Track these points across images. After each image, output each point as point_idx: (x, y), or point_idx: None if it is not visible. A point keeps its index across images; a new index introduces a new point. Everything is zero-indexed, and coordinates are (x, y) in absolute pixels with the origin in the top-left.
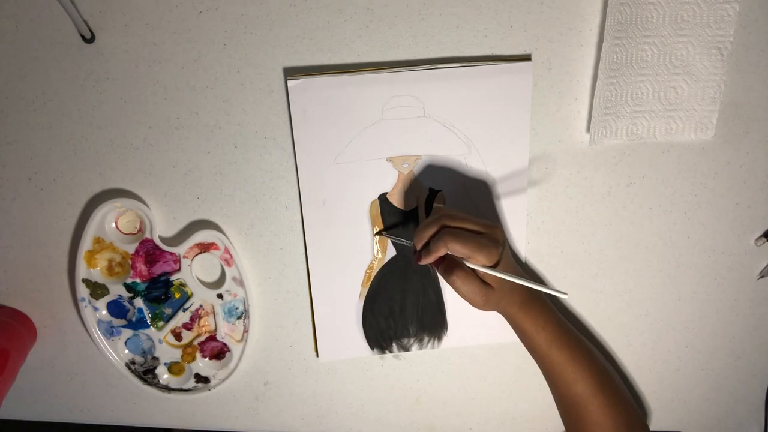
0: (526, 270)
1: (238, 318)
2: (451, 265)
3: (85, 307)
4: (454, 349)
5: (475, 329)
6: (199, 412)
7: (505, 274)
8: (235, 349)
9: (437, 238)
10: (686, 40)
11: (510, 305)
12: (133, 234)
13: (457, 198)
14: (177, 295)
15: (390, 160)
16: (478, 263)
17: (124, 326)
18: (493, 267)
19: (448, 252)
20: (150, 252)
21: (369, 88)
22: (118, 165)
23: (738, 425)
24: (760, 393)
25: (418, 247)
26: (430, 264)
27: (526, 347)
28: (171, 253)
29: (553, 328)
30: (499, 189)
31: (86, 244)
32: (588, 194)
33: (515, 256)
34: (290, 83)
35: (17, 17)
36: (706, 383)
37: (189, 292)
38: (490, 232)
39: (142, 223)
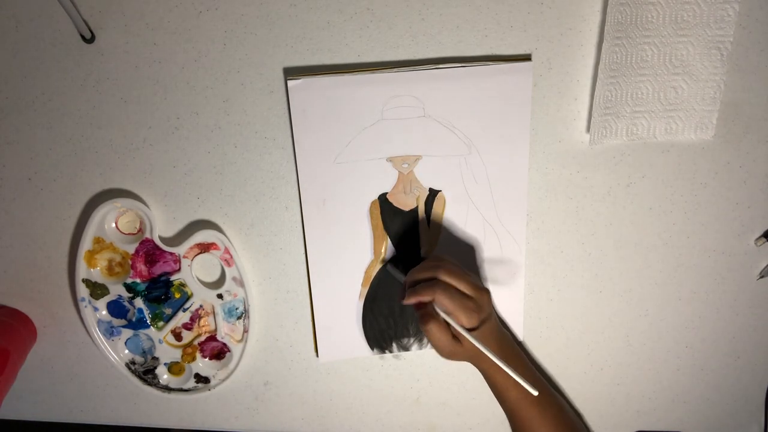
0: (525, 350)
1: (238, 318)
2: (428, 314)
3: (85, 307)
4: None
5: None
6: (199, 412)
7: (478, 342)
8: (235, 349)
9: (428, 286)
10: (686, 40)
11: (482, 360)
12: (133, 234)
13: (457, 198)
14: (177, 295)
15: (390, 160)
16: (457, 322)
17: (124, 326)
18: (471, 330)
19: (433, 301)
20: (150, 252)
21: (369, 88)
22: (118, 165)
23: (738, 425)
24: (760, 393)
25: (408, 285)
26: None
27: (495, 397)
28: (171, 253)
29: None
30: (499, 189)
31: (86, 244)
32: (588, 194)
33: (515, 338)
34: (290, 83)
35: (17, 17)
36: (706, 383)
37: (189, 292)
38: (478, 297)
39: (142, 223)
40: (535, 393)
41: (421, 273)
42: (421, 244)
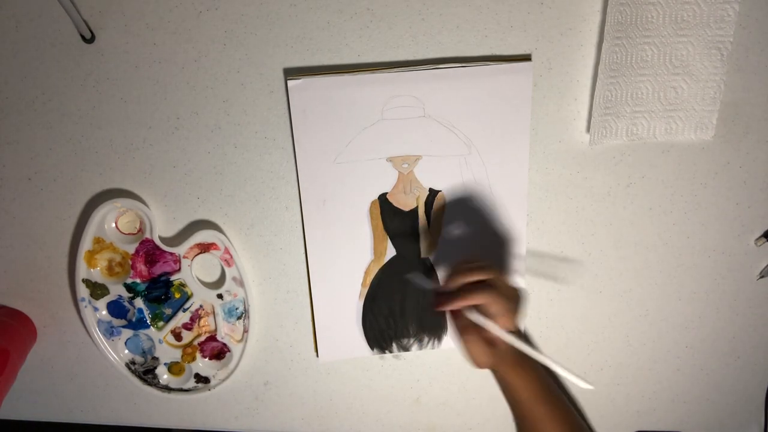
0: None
1: (238, 318)
2: (468, 325)
3: (85, 307)
4: (454, 349)
5: None
6: (199, 412)
7: (525, 345)
8: (235, 349)
9: (480, 288)
10: (686, 40)
11: (503, 363)
12: (133, 234)
13: (457, 198)
14: (177, 295)
15: (390, 160)
16: (501, 325)
17: (124, 326)
18: (513, 333)
19: (480, 304)
20: (150, 252)
21: (369, 88)
22: (118, 165)
23: (738, 425)
24: (760, 393)
25: (451, 288)
26: (441, 310)
27: (506, 399)
28: (171, 253)
29: (537, 384)
30: (499, 189)
31: (86, 244)
32: (588, 194)
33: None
34: (290, 83)
35: (17, 17)
36: (706, 383)
37: (189, 293)
38: (518, 298)
39: (142, 223)
40: (591, 387)
41: (468, 276)
42: (421, 244)
